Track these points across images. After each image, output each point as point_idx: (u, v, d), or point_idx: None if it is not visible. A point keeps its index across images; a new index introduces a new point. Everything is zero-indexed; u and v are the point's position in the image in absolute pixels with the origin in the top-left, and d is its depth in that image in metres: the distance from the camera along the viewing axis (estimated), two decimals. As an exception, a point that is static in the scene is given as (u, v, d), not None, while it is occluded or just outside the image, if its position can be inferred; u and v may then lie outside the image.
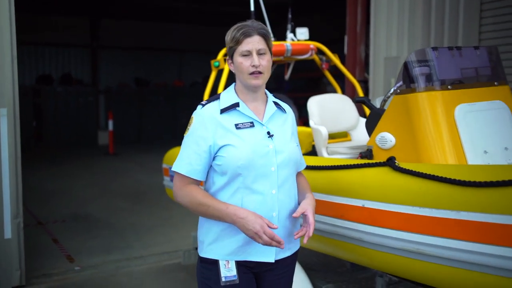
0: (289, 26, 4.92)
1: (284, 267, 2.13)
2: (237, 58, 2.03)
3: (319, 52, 4.83)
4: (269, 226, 1.88)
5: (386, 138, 2.63)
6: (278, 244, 1.89)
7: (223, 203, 1.98)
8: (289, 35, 4.88)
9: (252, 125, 2.06)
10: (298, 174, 2.26)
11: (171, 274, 4.80)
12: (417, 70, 2.55)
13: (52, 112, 14.75)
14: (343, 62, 7.29)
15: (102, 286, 4.50)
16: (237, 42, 2.02)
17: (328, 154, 3.30)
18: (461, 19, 6.26)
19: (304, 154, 3.70)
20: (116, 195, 8.26)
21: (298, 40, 4.84)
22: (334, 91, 4.79)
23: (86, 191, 8.57)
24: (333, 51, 4.84)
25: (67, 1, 15.14)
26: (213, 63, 4.46)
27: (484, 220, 1.86)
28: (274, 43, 4.47)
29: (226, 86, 4.53)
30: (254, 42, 2.00)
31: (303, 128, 4.19)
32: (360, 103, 3.04)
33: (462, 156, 2.44)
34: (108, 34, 17.61)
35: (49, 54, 17.39)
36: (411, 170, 2.21)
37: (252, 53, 2.00)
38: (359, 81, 7.21)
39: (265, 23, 4.78)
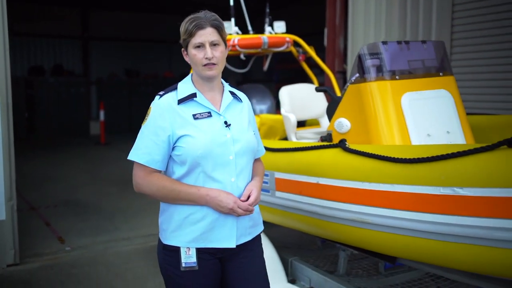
0: (267, 20, 5.19)
1: (248, 251, 2.18)
2: (191, 50, 2.07)
3: (296, 44, 5.11)
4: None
5: (343, 123, 2.94)
6: (250, 212, 2.05)
7: (194, 186, 2.04)
8: (267, 28, 5.15)
9: (209, 115, 2.09)
10: (256, 160, 2.31)
11: (155, 253, 5.07)
12: (368, 62, 2.85)
13: (44, 102, 14.94)
14: (323, 54, 7.59)
15: (91, 265, 4.80)
16: (190, 34, 2.05)
17: (297, 139, 3.61)
18: (434, 10, 6.55)
19: (278, 140, 4.04)
20: (106, 182, 8.55)
21: (276, 33, 5.13)
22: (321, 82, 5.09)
23: (77, 178, 8.85)
24: (313, 43, 5.13)
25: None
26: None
27: (412, 191, 2.17)
28: (252, 36, 4.75)
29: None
30: (206, 34, 2.03)
31: (279, 116, 4.50)
32: (322, 92, 3.34)
33: (407, 139, 2.75)
34: (99, 25, 17.78)
35: (41, 45, 17.53)
36: (358, 150, 2.52)
37: (205, 45, 2.03)
38: (338, 72, 7.52)
39: (244, 17, 5.07)
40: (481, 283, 2.57)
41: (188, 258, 2.06)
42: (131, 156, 2.09)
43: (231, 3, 4.94)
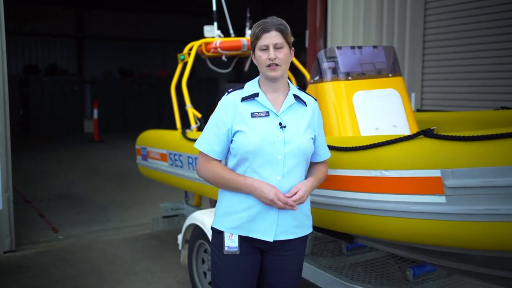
0: (247, 24, 5.56)
1: (288, 250, 2.28)
2: (257, 52, 2.19)
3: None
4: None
5: (303, 118, 3.32)
6: (291, 207, 2.13)
7: (242, 176, 2.19)
8: (248, 31, 5.52)
9: (267, 114, 2.20)
10: (320, 163, 2.41)
11: (143, 241, 5.48)
12: (325, 65, 3.23)
13: (38, 101, 15.27)
14: (304, 55, 7.97)
15: (83, 251, 5.17)
16: (257, 37, 2.18)
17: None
18: (408, 13, 6.94)
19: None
20: (100, 177, 8.92)
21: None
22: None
23: (71, 174, 9.21)
24: (296, 44, 5.50)
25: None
26: (179, 56, 5.11)
27: (351, 174, 2.56)
28: (232, 39, 5.12)
29: (190, 77, 5.17)
30: (271, 37, 2.15)
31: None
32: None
33: (357, 131, 3.13)
34: (93, 24, 18.14)
35: (35, 44, 17.86)
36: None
37: (269, 47, 2.15)
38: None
39: (226, 21, 5.44)
40: (425, 258, 2.96)
41: (231, 242, 2.23)
42: (196, 144, 2.29)
43: (214, 8, 5.31)
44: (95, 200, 7.27)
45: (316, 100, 2.39)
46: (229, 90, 2.29)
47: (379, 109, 3.25)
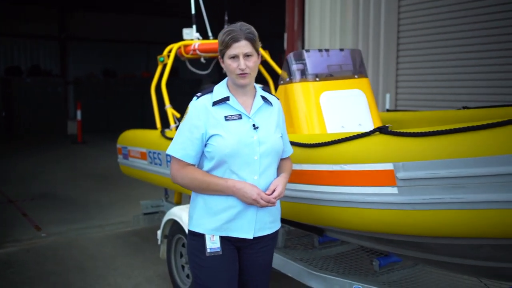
0: (225, 26, 5.73)
1: (264, 244, 2.38)
2: (226, 60, 2.23)
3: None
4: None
5: (274, 117, 3.50)
6: (272, 204, 2.22)
7: (222, 178, 2.24)
8: (226, 34, 5.69)
9: (240, 117, 2.26)
10: (285, 158, 2.51)
11: (124, 238, 5.63)
12: (294, 67, 3.43)
13: (21, 102, 15.26)
14: (283, 57, 8.17)
15: (65, 248, 5.30)
16: (226, 46, 2.20)
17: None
18: (382, 17, 7.18)
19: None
20: (82, 177, 9.03)
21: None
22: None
23: (54, 174, 9.30)
24: (277, 45, 5.67)
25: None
26: (159, 58, 5.26)
27: (314, 169, 2.76)
28: (210, 41, 5.29)
29: (169, 78, 5.33)
30: (241, 47, 2.18)
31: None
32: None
33: (324, 129, 3.33)
34: (76, 26, 18.15)
35: (18, 45, 17.82)
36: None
37: (239, 56, 2.19)
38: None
39: (204, 24, 5.60)
40: (388, 248, 3.17)
41: (213, 243, 2.27)
42: (169, 151, 2.30)
43: (193, 11, 5.47)
44: (77, 199, 7.39)
45: (278, 99, 2.48)
46: (198, 95, 2.31)
47: (345, 108, 3.45)
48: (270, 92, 2.47)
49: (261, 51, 5.62)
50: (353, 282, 3.08)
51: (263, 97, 2.37)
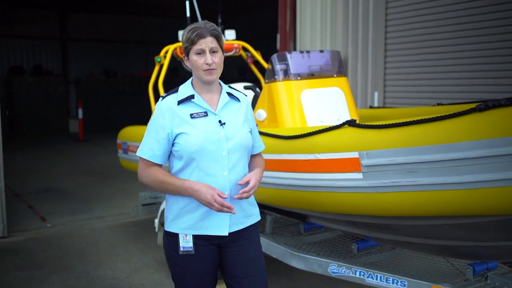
0: (219, 28, 6.06)
1: (243, 239, 2.37)
2: (192, 56, 2.23)
3: (245, 49, 6.00)
4: (220, 196, 2.16)
5: (261, 113, 3.85)
6: (229, 209, 2.17)
7: (181, 179, 2.24)
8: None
9: (205, 114, 2.27)
10: (257, 154, 2.52)
11: (124, 228, 5.98)
12: (278, 67, 3.77)
13: (24, 101, 15.57)
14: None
15: (69, 237, 5.65)
16: (192, 42, 2.21)
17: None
18: (370, 19, 7.52)
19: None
20: (84, 172, 9.38)
21: (227, 40, 6.00)
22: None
23: (57, 170, 9.65)
24: (270, 46, 5.96)
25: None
26: (156, 58, 5.60)
27: (291, 158, 3.10)
28: (205, 43, 5.61)
29: (166, 78, 5.66)
30: (207, 42, 2.20)
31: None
32: (249, 89, 4.25)
33: (305, 124, 3.67)
34: (77, 27, 18.50)
35: (20, 46, 18.15)
36: (262, 132, 3.43)
37: (206, 51, 2.21)
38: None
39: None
40: (364, 231, 3.51)
41: (186, 243, 2.28)
42: (138, 152, 2.33)
43: (188, 14, 5.80)
44: (80, 193, 7.74)
45: (246, 95, 2.51)
46: (163, 96, 2.35)
47: (324, 105, 3.79)
48: (237, 90, 2.49)
49: (253, 51, 5.99)
50: (329, 261, 3.42)
51: (229, 94, 2.39)
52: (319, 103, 3.77)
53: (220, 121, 2.28)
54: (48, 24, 18.05)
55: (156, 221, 4.62)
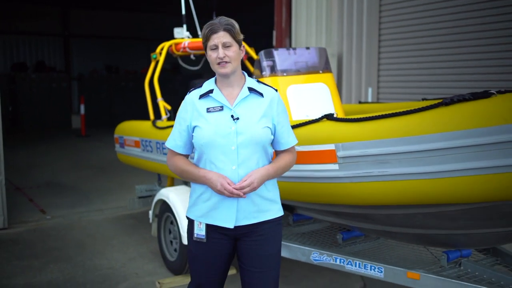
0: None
1: (258, 235, 2.41)
2: (208, 51, 2.36)
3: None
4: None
5: (248, 108, 3.99)
6: (238, 195, 2.27)
7: (198, 168, 2.39)
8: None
9: (221, 109, 2.35)
10: (284, 151, 2.50)
11: (122, 220, 6.15)
12: (265, 63, 3.91)
13: (27, 97, 15.76)
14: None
15: (68, 228, 5.82)
16: (207, 38, 2.34)
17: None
18: (365, 16, 7.64)
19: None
20: (84, 167, 9.56)
21: (221, 36, 6.13)
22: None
23: (58, 164, 9.83)
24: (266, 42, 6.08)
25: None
26: (152, 55, 5.75)
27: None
28: (199, 39, 5.76)
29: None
30: (219, 37, 2.29)
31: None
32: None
33: (291, 118, 3.81)
34: (79, 23, 18.67)
35: (23, 43, 18.35)
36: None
37: (219, 46, 2.30)
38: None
39: (194, 24, 6.07)
40: (346, 221, 3.65)
41: (199, 230, 2.42)
42: (166, 142, 2.52)
43: (183, 12, 5.95)
44: (79, 187, 7.92)
45: (276, 90, 2.49)
46: (190, 90, 2.48)
47: (309, 100, 3.94)
48: (267, 84, 2.49)
49: (248, 48, 6.12)
50: (312, 249, 3.57)
51: (251, 88, 2.40)
52: (305, 98, 3.91)
53: (232, 116, 2.33)
54: (50, 21, 18.24)
55: (151, 212, 4.78)
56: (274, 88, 2.50)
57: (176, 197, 4.35)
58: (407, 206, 2.92)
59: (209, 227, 2.41)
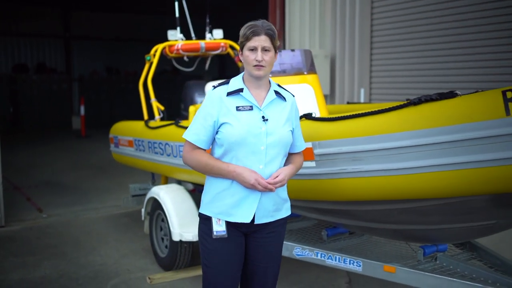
0: (207, 28, 6.33)
1: (269, 232, 2.49)
2: (246, 51, 2.36)
3: (233, 47, 6.27)
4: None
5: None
6: (271, 190, 2.33)
7: (225, 162, 2.38)
8: (208, 35, 6.29)
9: (251, 108, 2.38)
10: (296, 153, 2.61)
11: (117, 219, 6.28)
12: (251, 65, 4.04)
13: (28, 98, 15.93)
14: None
15: (64, 226, 5.96)
16: (247, 38, 2.34)
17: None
18: (357, 19, 7.76)
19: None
20: (83, 167, 9.71)
21: (215, 39, 6.27)
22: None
23: (57, 164, 9.99)
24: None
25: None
26: (146, 57, 5.89)
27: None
28: (192, 41, 5.89)
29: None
30: (261, 40, 2.32)
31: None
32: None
33: (275, 118, 3.94)
34: (80, 25, 18.85)
35: (24, 44, 18.53)
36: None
37: (258, 49, 2.33)
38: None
39: (188, 26, 6.21)
40: (328, 218, 3.78)
41: (219, 226, 2.40)
42: (184, 134, 2.46)
43: (177, 15, 6.08)
44: (77, 187, 8.06)
45: (294, 96, 2.60)
46: (215, 85, 2.48)
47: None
48: (286, 89, 2.60)
49: (236, 46, 6.23)
50: (294, 244, 3.70)
51: (277, 92, 2.49)
52: (289, 98, 4.04)
53: (263, 117, 2.37)
54: (51, 22, 18.42)
55: (143, 210, 4.91)
56: (292, 94, 2.59)
57: (166, 195, 4.49)
58: (383, 202, 3.04)
59: (227, 224, 2.43)
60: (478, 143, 2.42)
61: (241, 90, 2.41)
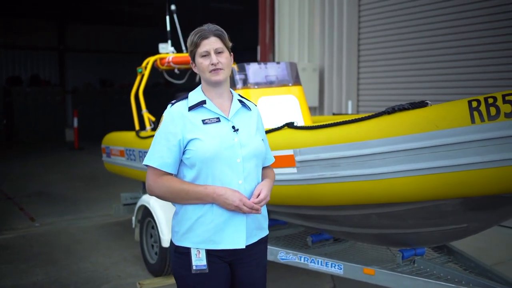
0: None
1: (256, 254, 2.24)
2: (198, 59, 2.15)
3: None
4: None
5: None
6: (257, 211, 2.10)
7: (201, 185, 2.10)
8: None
9: (218, 120, 2.16)
10: (267, 167, 2.39)
11: (108, 227, 6.39)
12: (237, 77, 4.21)
13: (22, 110, 16.05)
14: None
15: (56, 235, 6.06)
16: (196, 45, 2.14)
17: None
18: (344, 33, 7.98)
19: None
20: (75, 178, 9.81)
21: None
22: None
23: (50, 176, 10.08)
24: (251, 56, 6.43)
25: (35, 6, 16.48)
26: (138, 69, 6.05)
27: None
28: (183, 54, 6.06)
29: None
30: (211, 43, 2.12)
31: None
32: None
33: (261, 128, 4.10)
34: (74, 37, 19.05)
35: (19, 56, 18.68)
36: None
37: (210, 52, 2.12)
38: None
39: (179, 40, 6.38)
40: (312, 224, 3.92)
41: (199, 261, 2.13)
42: (145, 161, 2.17)
43: (168, 28, 6.26)
44: (69, 197, 8.17)
45: (256, 105, 2.42)
46: (172, 102, 2.23)
47: (279, 110, 4.23)
48: (247, 99, 2.40)
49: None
50: (278, 249, 3.83)
51: (241, 101, 2.30)
52: (274, 108, 4.20)
53: (233, 127, 2.18)
54: (46, 34, 18.59)
55: (133, 218, 5.03)
56: (254, 103, 2.42)
57: (156, 203, 4.61)
58: (361, 206, 3.19)
59: (206, 254, 2.15)
60: (446, 149, 2.58)
61: (203, 102, 2.19)
